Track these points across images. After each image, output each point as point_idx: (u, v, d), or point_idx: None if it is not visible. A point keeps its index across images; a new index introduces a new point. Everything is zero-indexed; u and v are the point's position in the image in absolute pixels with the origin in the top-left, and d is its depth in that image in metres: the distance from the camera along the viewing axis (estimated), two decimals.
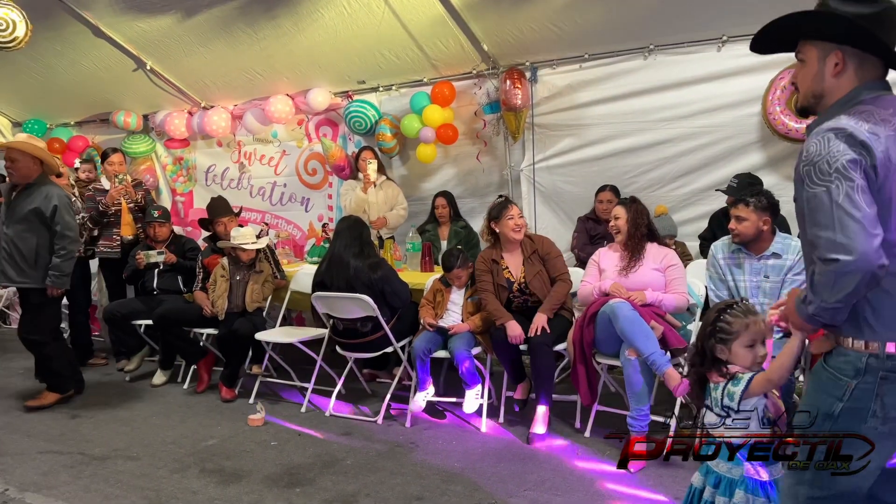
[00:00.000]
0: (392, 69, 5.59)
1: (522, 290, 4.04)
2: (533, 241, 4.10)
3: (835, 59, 1.68)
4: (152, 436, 4.04)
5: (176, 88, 6.36)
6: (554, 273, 4.01)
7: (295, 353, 4.70)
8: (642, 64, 4.90)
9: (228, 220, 5.22)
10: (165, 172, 7.25)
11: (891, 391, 1.60)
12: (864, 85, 1.68)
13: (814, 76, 1.72)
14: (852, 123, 1.58)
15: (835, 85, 1.70)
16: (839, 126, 1.58)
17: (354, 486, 3.28)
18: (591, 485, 3.22)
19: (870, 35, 1.63)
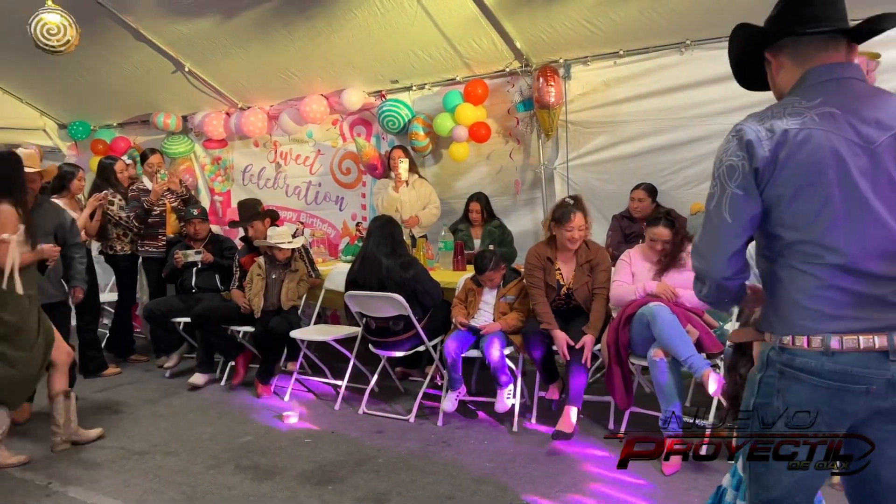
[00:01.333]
0: (425, 68, 5.60)
1: (568, 295, 4.01)
2: (590, 250, 3.99)
3: (770, 62, 1.73)
4: (190, 432, 4.13)
5: (214, 90, 6.47)
6: (595, 285, 3.94)
7: (329, 351, 4.75)
8: (678, 59, 4.82)
9: (253, 224, 5.29)
10: (204, 172, 7.39)
11: (790, 390, 1.58)
12: (804, 74, 1.66)
13: (771, 81, 1.76)
14: (750, 121, 1.60)
15: (782, 82, 1.72)
16: (738, 125, 1.61)
17: (386, 485, 3.31)
18: (625, 487, 3.18)
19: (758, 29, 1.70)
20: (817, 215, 1.54)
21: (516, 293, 4.13)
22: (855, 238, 1.52)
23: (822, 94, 1.58)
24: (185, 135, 7.23)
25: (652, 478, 3.26)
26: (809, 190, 1.54)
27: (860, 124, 1.54)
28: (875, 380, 1.52)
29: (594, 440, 3.76)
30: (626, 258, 3.88)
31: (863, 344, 1.52)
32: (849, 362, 1.52)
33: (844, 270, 1.53)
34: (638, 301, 3.63)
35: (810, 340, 1.55)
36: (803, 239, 1.56)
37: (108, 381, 5.26)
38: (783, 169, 1.55)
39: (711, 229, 1.64)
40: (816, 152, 1.53)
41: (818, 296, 1.55)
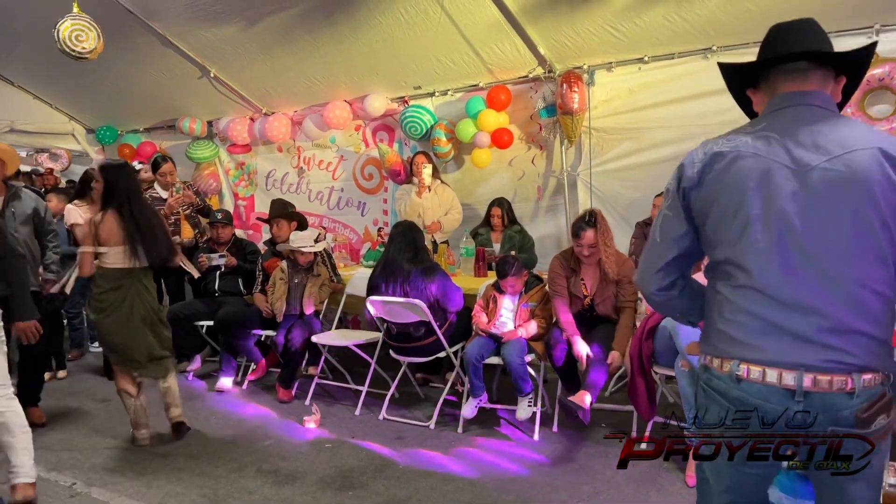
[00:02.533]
0: (448, 74, 5.61)
1: (591, 307, 3.99)
2: (614, 264, 3.90)
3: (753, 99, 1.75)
4: (211, 435, 4.15)
5: (238, 95, 6.53)
6: (621, 299, 3.91)
7: (350, 355, 4.75)
8: (704, 65, 4.77)
9: (278, 221, 5.31)
10: (228, 177, 7.46)
11: (709, 408, 1.62)
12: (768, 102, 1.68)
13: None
14: (697, 148, 1.67)
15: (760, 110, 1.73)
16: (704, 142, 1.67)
17: (406, 492, 3.29)
18: (647, 499, 3.14)
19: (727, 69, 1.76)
20: (738, 236, 1.55)
21: (538, 300, 4.10)
22: (772, 262, 1.51)
23: (767, 120, 1.62)
24: (209, 140, 7.32)
25: (676, 488, 3.21)
26: (731, 210, 1.56)
27: (795, 147, 1.53)
28: (775, 415, 1.51)
29: (616, 450, 3.70)
30: None
31: (767, 378, 1.50)
32: (752, 392, 1.53)
33: (757, 294, 1.52)
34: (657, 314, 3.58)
35: (722, 363, 1.57)
36: (725, 258, 1.58)
37: None
38: (706, 188, 1.59)
39: (646, 246, 1.75)
40: (741, 173, 1.55)
41: (731, 319, 1.56)
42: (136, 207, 3.85)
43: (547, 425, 4.03)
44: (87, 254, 3.78)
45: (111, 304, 3.81)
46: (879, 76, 4.11)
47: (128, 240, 3.77)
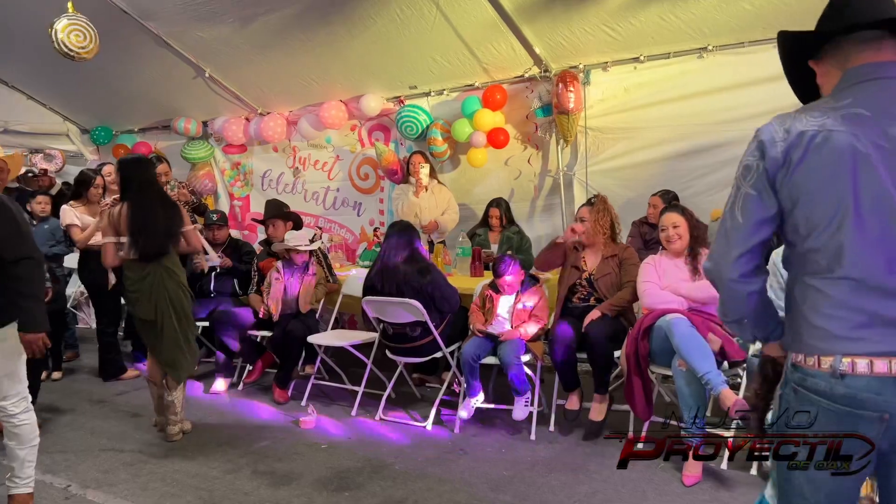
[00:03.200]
0: (443, 74, 5.60)
1: (590, 282, 4.04)
2: (616, 246, 4.12)
3: (816, 70, 1.63)
4: (207, 436, 4.14)
5: (233, 95, 6.52)
6: (625, 278, 4.01)
7: (346, 356, 4.74)
8: (699, 65, 4.78)
9: (274, 222, 5.29)
10: (223, 177, 7.44)
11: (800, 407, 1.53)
12: (842, 75, 1.55)
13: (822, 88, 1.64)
14: (772, 122, 1.54)
15: (826, 90, 1.61)
16: (760, 126, 1.55)
17: (403, 493, 3.29)
18: (644, 499, 3.14)
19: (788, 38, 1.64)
20: (830, 223, 1.45)
21: (535, 300, 4.10)
22: (874, 250, 1.42)
23: (853, 95, 1.48)
24: (204, 140, 7.29)
25: (672, 487, 3.21)
26: (823, 194, 1.45)
27: (891, 126, 1.42)
28: (890, 407, 1.43)
29: (613, 450, 3.71)
30: (651, 261, 3.84)
31: (876, 368, 1.42)
32: (860, 387, 1.43)
33: (859, 286, 1.43)
34: (656, 312, 3.57)
35: (820, 361, 1.47)
36: (815, 248, 1.48)
37: (126, 385, 5.30)
38: (795, 171, 1.47)
39: (724, 231, 1.59)
40: (835, 155, 1.43)
41: (830, 315, 1.46)
42: (143, 199, 3.97)
43: (543, 425, 4.03)
44: (109, 244, 3.94)
45: (143, 293, 3.94)
46: None
47: (128, 231, 3.90)
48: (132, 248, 3.91)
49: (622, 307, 3.94)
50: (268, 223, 5.33)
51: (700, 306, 3.61)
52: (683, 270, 3.70)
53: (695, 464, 3.30)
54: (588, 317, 3.89)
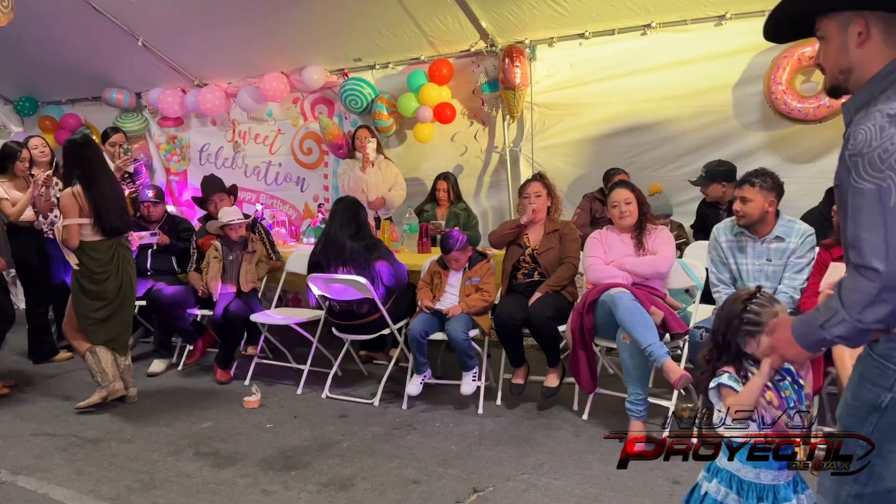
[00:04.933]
0: (388, 46, 5.50)
1: (533, 258, 4.06)
2: (557, 223, 4.12)
3: (857, 28, 1.50)
4: (146, 418, 4.01)
5: (169, 65, 6.25)
6: (563, 254, 4.02)
7: (291, 334, 4.65)
8: (643, 41, 4.82)
9: (219, 198, 5.13)
10: (159, 151, 7.17)
11: None
12: None
13: (837, 50, 1.54)
14: None
15: (862, 56, 1.50)
16: (895, 111, 1.36)
17: (351, 470, 3.26)
18: (589, 468, 3.19)
19: None
20: None
21: (482, 275, 4.10)
22: None
23: None
24: (138, 112, 7.00)
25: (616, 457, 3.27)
26: None
27: None
28: None
29: (559, 422, 3.76)
30: (597, 235, 3.88)
31: None
32: None
33: None
34: (600, 286, 3.62)
35: None
36: None
37: (58, 367, 5.08)
38: None
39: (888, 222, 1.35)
40: None
41: None
42: (99, 178, 3.98)
43: (491, 399, 4.06)
44: (75, 226, 3.89)
45: (111, 272, 3.99)
46: (809, 54, 4.23)
47: (93, 212, 3.90)
48: (96, 228, 3.92)
49: (562, 286, 3.97)
50: (211, 200, 5.14)
51: (643, 281, 3.68)
52: (629, 246, 3.76)
53: (638, 434, 3.38)
54: (532, 298, 3.91)
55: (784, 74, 4.29)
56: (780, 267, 3.35)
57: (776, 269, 3.36)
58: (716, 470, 1.88)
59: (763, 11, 4.30)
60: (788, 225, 3.39)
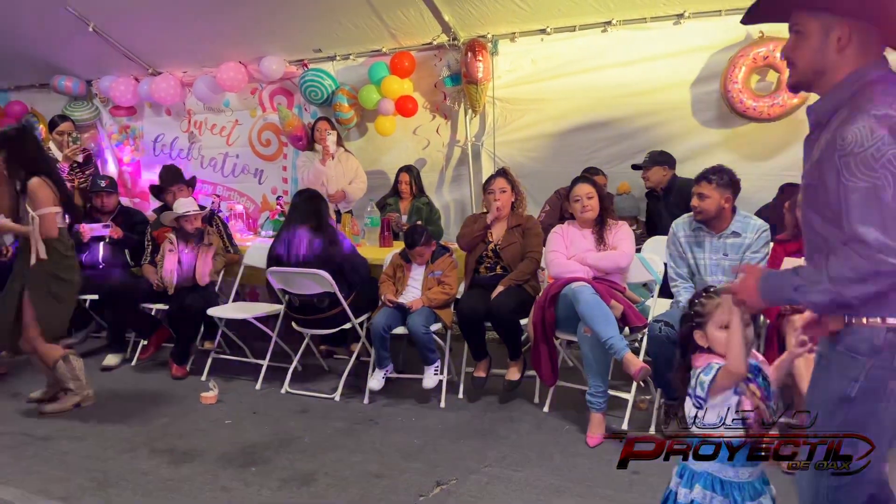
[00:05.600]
0: (349, 38, 5.44)
1: (496, 253, 4.06)
2: (519, 216, 4.15)
3: (840, 33, 1.57)
4: (99, 415, 3.89)
5: (121, 52, 6.07)
6: (526, 249, 4.04)
7: (249, 329, 4.57)
8: (603, 38, 4.87)
9: (178, 188, 5.01)
10: (111, 141, 6.96)
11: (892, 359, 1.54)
12: (871, 63, 1.58)
13: (815, 50, 1.61)
14: (893, 111, 1.47)
15: (839, 61, 1.60)
16: (881, 113, 1.47)
17: (312, 465, 3.22)
18: (551, 460, 3.22)
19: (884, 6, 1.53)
20: None
21: (445, 269, 4.09)
22: None
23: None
24: (89, 100, 6.78)
25: (578, 449, 3.32)
26: None
27: None
28: None
29: (520, 415, 3.79)
30: (559, 230, 3.91)
31: None
32: None
33: None
34: (562, 280, 3.66)
35: None
36: None
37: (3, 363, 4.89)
38: None
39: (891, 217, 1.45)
40: None
41: None
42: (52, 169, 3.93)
43: (453, 393, 4.06)
44: (51, 215, 3.72)
45: (74, 261, 3.93)
46: (764, 54, 4.33)
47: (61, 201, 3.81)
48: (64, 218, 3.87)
49: (524, 280, 4.00)
50: (170, 190, 5.00)
51: (603, 275, 3.72)
52: (590, 240, 3.80)
53: (598, 425, 3.43)
54: (494, 292, 3.92)
55: (740, 73, 4.39)
56: (737, 261, 3.43)
57: (733, 264, 3.43)
58: (692, 475, 1.88)
59: (720, 11, 4.44)
60: (744, 221, 3.47)
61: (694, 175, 3.58)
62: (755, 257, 3.40)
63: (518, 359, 3.96)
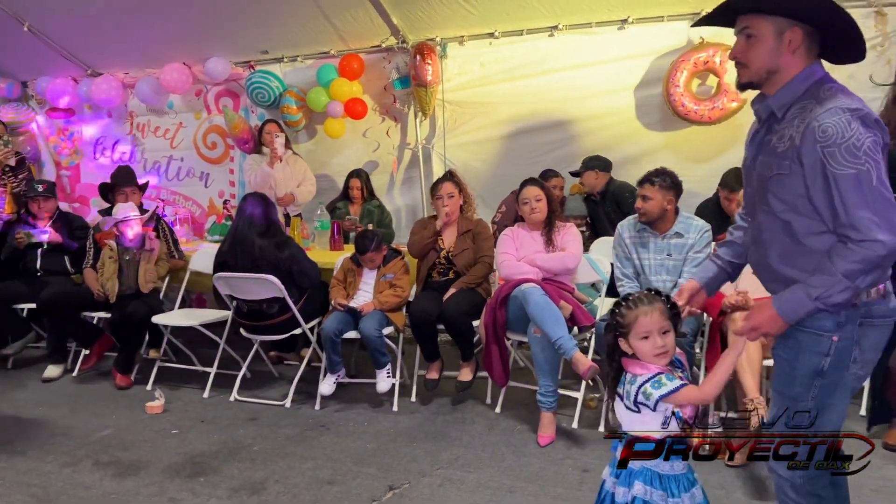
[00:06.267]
0: (297, 39, 5.39)
1: (448, 260, 4.08)
2: (469, 221, 4.17)
3: (790, 36, 1.71)
4: (39, 428, 3.76)
5: (59, 53, 5.87)
6: (479, 253, 4.08)
7: (196, 336, 4.48)
8: (550, 42, 4.95)
9: (131, 191, 4.87)
10: (48, 144, 6.73)
11: (866, 334, 1.74)
12: (815, 62, 1.73)
13: (769, 51, 1.73)
14: (860, 104, 1.63)
15: (790, 61, 1.73)
16: (853, 107, 1.63)
17: (263, 473, 3.18)
18: (503, 460, 3.25)
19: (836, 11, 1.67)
20: None
21: (396, 271, 4.09)
22: None
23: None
24: (24, 102, 6.54)
25: (529, 448, 3.35)
26: None
27: None
28: None
29: (473, 416, 3.81)
30: (509, 233, 3.95)
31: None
32: None
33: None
34: (512, 282, 3.69)
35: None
36: None
37: None
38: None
39: (886, 201, 1.61)
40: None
41: None
42: None
43: (406, 396, 4.05)
44: None
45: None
46: (704, 59, 4.47)
47: None
48: None
49: (477, 283, 4.03)
50: (122, 192, 4.85)
51: (552, 276, 3.78)
52: (539, 242, 3.85)
53: (549, 425, 3.47)
54: (446, 294, 3.94)
55: (682, 77, 4.52)
56: (680, 261, 3.52)
57: (676, 264, 3.53)
58: (629, 473, 1.89)
59: (662, 17, 4.56)
60: (687, 221, 3.57)
61: (639, 176, 3.66)
62: (698, 257, 3.49)
63: (470, 360, 3.98)
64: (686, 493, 1.86)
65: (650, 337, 1.85)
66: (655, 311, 1.86)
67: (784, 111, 1.75)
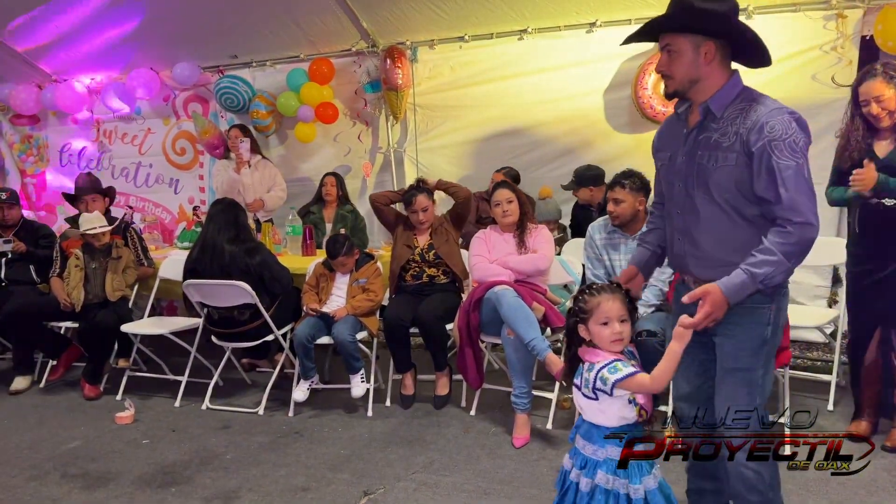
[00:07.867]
0: (266, 44, 5.36)
1: (423, 258, 4.09)
2: (437, 219, 4.23)
3: (706, 49, 1.96)
4: (4, 441, 3.68)
5: (21, 59, 5.76)
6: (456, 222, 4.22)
7: (166, 344, 4.41)
8: (519, 46, 4.98)
9: (92, 199, 4.79)
10: (12, 152, 6.61)
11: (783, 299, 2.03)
12: (735, 72, 2.01)
13: (689, 63, 1.97)
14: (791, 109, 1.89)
15: (709, 71, 1.98)
16: (790, 110, 1.90)
17: (236, 482, 3.14)
18: (478, 463, 3.25)
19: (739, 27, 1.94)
20: None
21: (368, 276, 4.07)
22: None
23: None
24: None
25: (504, 451, 3.36)
26: None
27: None
28: None
29: (447, 419, 3.81)
30: (481, 235, 3.97)
31: None
32: None
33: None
34: (485, 284, 3.70)
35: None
36: None
37: None
38: None
39: (812, 193, 1.89)
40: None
41: None
42: None
43: (380, 401, 4.04)
44: None
45: None
46: None
47: None
48: None
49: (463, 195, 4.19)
50: (83, 200, 4.77)
51: (525, 278, 3.79)
52: (511, 244, 3.86)
53: (523, 426, 3.48)
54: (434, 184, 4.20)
55: (650, 80, 4.57)
56: None
57: None
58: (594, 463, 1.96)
59: (630, 20, 4.60)
60: None
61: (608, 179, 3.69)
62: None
63: (444, 370, 3.98)
64: (647, 475, 1.93)
65: (609, 323, 1.95)
66: (617, 299, 1.97)
67: (722, 111, 1.98)
